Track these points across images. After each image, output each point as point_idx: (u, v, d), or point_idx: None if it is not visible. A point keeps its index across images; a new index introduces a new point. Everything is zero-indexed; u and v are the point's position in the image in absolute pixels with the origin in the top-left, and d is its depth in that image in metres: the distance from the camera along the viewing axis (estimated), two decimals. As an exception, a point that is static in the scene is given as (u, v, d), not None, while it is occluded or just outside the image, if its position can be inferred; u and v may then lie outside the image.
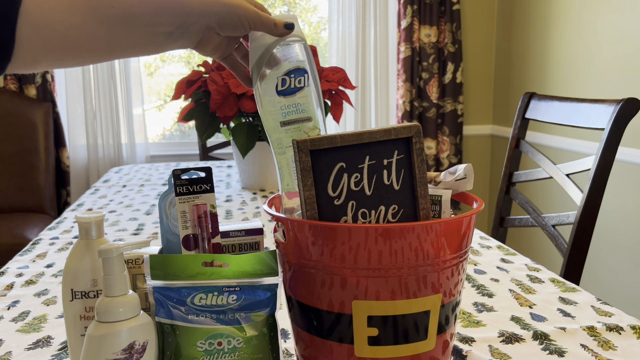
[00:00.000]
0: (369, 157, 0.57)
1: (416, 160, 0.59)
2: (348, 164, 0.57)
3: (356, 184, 0.57)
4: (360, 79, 3.17)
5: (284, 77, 0.60)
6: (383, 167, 0.58)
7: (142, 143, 3.09)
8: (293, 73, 0.61)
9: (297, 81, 0.61)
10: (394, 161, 0.58)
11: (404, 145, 0.59)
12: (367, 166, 0.57)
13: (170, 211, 0.70)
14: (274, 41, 0.62)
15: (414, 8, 3.08)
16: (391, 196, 0.58)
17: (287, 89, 0.60)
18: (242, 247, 0.72)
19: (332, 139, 0.56)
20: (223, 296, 0.58)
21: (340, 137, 0.57)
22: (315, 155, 0.56)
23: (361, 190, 0.57)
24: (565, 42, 2.62)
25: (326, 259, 0.56)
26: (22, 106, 2.78)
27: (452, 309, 0.60)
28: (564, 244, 1.38)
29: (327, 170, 0.57)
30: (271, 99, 0.62)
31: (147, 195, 1.77)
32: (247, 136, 1.68)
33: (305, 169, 0.56)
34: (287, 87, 0.60)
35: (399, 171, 0.58)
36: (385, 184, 0.58)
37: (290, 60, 0.62)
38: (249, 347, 0.58)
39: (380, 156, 0.58)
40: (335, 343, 0.58)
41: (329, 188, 0.57)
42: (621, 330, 0.80)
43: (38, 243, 1.28)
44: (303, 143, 0.56)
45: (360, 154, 0.57)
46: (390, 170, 0.58)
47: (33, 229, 2.50)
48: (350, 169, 0.57)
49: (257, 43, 0.62)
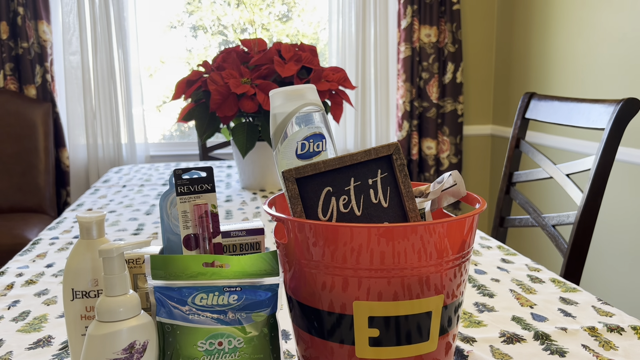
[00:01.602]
0: (353, 179, 0.60)
1: (400, 176, 0.60)
2: (334, 187, 0.59)
3: (345, 206, 0.59)
4: (360, 79, 3.17)
5: (304, 142, 0.64)
6: (369, 186, 0.60)
7: (142, 143, 3.09)
8: (312, 138, 0.65)
9: (316, 145, 0.65)
10: (379, 180, 0.60)
11: (385, 163, 0.61)
12: (354, 187, 0.60)
13: (171, 211, 0.70)
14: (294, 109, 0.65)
15: (414, 8, 3.08)
16: (381, 214, 0.60)
17: (305, 153, 0.64)
18: (243, 247, 0.72)
19: (315, 165, 0.59)
20: (224, 296, 0.58)
21: (323, 163, 0.59)
22: (302, 183, 0.59)
23: (351, 212, 0.59)
24: (566, 42, 2.62)
25: (327, 260, 0.56)
26: (22, 106, 2.78)
27: (455, 310, 0.60)
28: (564, 244, 1.38)
29: (315, 195, 0.59)
30: (290, 162, 0.65)
31: (147, 195, 1.77)
32: (247, 136, 1.68)
33: (293, 196, 0.59)
34: (306, 151, 0.64)
35: (385, 189, 0.60)
36: (373, 202, 0.60)
37: (310, 126, 0.66)
38: (250, 347, 0.58)
39: (365, 176, 0.60)
40: (336, 344, 0.58)
41: (319, 213, 0.59)
42: (622, 331, 0.80)
43: (38, 243, 1.28)
44: (288, 172, 0.59)
45: (345, 176, 0.60)
46: (377, 188, 0.60)
47: (33, 229, 2.50)
48: (337, 192, 0.59)
49: (278, 110, 0.66)
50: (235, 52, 1.76)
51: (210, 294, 0.57)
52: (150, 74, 3.30)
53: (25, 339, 0.80)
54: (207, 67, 1.76)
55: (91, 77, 2.95)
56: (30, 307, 0.92)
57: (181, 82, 1.75)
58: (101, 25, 2.92)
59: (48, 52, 2.83)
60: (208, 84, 1.64)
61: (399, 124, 3.18)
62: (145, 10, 3.18)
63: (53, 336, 0.81)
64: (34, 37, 2.82)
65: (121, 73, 2.98)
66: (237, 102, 1.62)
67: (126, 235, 1.32)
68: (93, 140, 3.00)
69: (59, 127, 2.92)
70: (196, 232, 0.65)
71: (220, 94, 1.61)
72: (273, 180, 1.79)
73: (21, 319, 0.87)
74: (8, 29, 2.78)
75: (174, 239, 0.70)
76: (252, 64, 1.70)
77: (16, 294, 0.98)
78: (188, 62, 3.30)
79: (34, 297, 0.96)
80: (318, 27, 3.41)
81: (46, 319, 0.87)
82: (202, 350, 0.57)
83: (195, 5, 3.26)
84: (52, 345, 0.78)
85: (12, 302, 0.94)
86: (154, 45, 3.25)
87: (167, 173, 2.16)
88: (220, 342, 0.57)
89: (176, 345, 0.57)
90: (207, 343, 0.57)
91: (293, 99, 0.65)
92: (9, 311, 0.90)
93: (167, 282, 0.58)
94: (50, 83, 2.86)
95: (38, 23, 2.81)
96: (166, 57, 3.29)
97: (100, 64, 2.95)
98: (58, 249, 1.24)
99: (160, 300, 0.57)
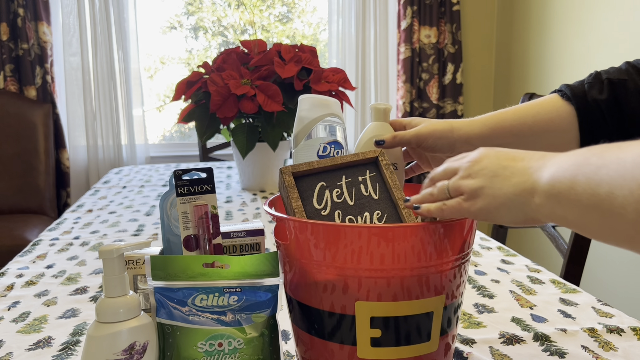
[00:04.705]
0: (344, 176, 0.65)
1: (386, 173, 0.66)
2: (327, 182, 0.65)
3: (338, 197, 0.64)
4: (360, 80, 3.17)
5: (326, 145, 0.71)
6: (359, 182, 0.65)
7: (142, 144, 3.09)
8: (333, 144, 0.71)
9: (336, 152, 0.71)
10: (367, 178, 0.66)
11: (373, 165, 0.67)
12: (345, 183, 0.65)
13: (172, 212, 0.70)
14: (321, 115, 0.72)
15: (413, 9, 3.08)
16: (372, 204, 0.64)
17: (326, 155, 0.71)
18: (243, 248, 0.72)
19: (309, 164, 0.65)
20: (224, 297, 0.58)
21: (317, 162, 0.65)
22: (298, 178, 0.64)
23: (344, 202, 0.63)
24: (565, 43, 2.62)
25: (328, 260, 0.56)
26: (22, 107, 2.78)
27: (454, 311, 0.60)
28: (564, 244, 1.38)
29: (310, 188, 0.64)
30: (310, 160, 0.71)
31: (147, 196, 1.77)
32: (247, 137, 1.68)
33: (290, 186, 0.63)
34: (327, 153, 0.71)
35: (374, 184, 0.65)
36: (364, 194, 0.64)
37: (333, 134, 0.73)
38: (250, 347, 0.58)
39: (355, 175, 0.66)
40: (336, 345, 0.58)
41: (314, 202, 0.63)
42: (622, 332, 0.80)
43: (38, 244, 1.28)
44: (285, 168, 0.64)
45: (336, 175, 0.65)
46: (366, 184, 0.65)
47: (33, 230, 2.50)
48: (330, 186, 0.64)
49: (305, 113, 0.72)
50: (236, 53, 1.76)
51: (210, 294, 0.57)
52: (150, 75, 3.30)
53: (25, 340, 0.80)
54: (207, 68, 1.76)
55: (91, 78, 2.95)
56: (30, 308, 0.92)
57: (181, 83, 1.75)
58: (101, 26, 2.92)
59: (48, 53, 2.83)
60: (208, 85, 1.64)
61: (399, 125, 3.18)
62: (145, 11, 3.18)
63: (53, 337, 0.81)
64: (34, 38, 2.82)
65: (121, 74, 2.98)
66: (237, 103, 1.62)
67: (126, 236, 1.32)
68: (93, 141, 3.00)
69: (59, 128, 2.92)
70: (196, 233, 0.65)
71: (220, 95, 1.61)
72: (273, 181, 1.79)
73: (21, 320, 0.87)
74: (8, 30, 2.78)
75: (174, 240, 0.70)
76: (252, 65, 1.70)
77: (16, 295, 0.98)
78: (188, 63, 3.30)
79: (34, 298, 0.96)
80: (318, 28, 3.41)
81: (46, 320, 0.87)
82: (202, 351, 0.57)
83: (196, 6, 3.26)
84: (52, 346, 0.78)
85: (12, 303, 0.94)
86: (154, 46, 3.26)
87: (167, 174, 2.16)
88: (220, 343, 0.57)
89: (176, 346, 0.57)
90: (207, 344, 0.57)
91: (321, 106, 0.71)
92: (9, 312, 0.90)
93: (167, 282, 0.58)
94: (50, 84, 2.86)
95: (38, 24, 2.81)
96: (166, 58, 3.29)
97: (101, 65, 2.95)
98: (58, 250, 1.24)
99: (160, 301, 0.57)
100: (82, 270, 1.10)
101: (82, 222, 1.47)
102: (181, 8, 3.24)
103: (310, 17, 3.39)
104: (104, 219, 1.50)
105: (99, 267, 1.11)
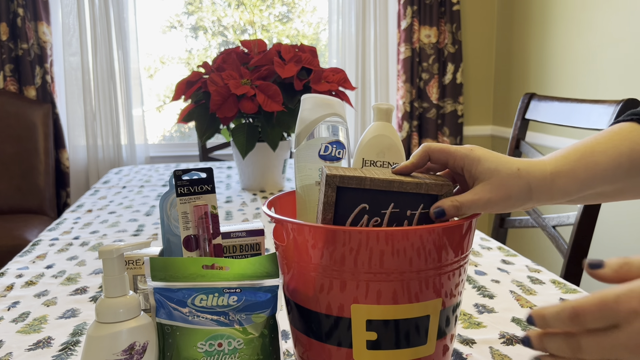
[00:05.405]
0: (393, 205, 0.58)
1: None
2: (371, 207, 0.57)
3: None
4: (360, 80, 3.17)
5: (327, 145, 0.69)
6: (405, 217, 0.58)
7: (142, 144, 3.09)
8: (335, 144, 0.70)
9: (337, 152, 0.70)
10: (417, 214, 0.58)
11: (431, 201, 0.58)
12: (390, 213, 0.58)
13: (171, 212, 0.70)
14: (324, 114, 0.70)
15: (413, 9, 3.08)
16: None
17: (327, 155, 0.69)
18: (243, 248, 0.72)
19: (361, 180, 0.57)
20: (224, 297, 0.58)
21: (370, 181, 0.57)
22: (342, 192, 0.57)
23: None
24: (565, 43, 2.62)
25: (326, 262, 0.56)
26: (22, 107, 2.78)
27: (453, 311, 0.60)
28: (564, 244, 1.38)
29: (349, 207, 0.57)
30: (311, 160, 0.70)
31: (147, 197, 1.77)
32: (247, 137, 1.68)
33: (328, 203, 0.57)
34: (329, 153, 0.69)
35: (420, 224, 0.58)
36: None
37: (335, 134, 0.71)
38: (250, 348, 0.58)
39: (405, 206, 0.58)
40: (333, 347, 0.58)
41: (347, 223, 0.58)
42: (622, 331, 0.80)
43: (38, 244, 1.28)
44: (332, 178, 0.56)
45: (386, 200, 0.58)
46: (412, 222, 0.58)
47: (33, 230, 2.50)
48: (372, 212, 0.58)
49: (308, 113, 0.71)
50: (235, 53, 1.76)
51: (210, 295, 0.57)
52: (150, 74, 3.30)
53: (25, 340, 0.80)
54: (207, 68, 1.76)
55: (91, 78, 2.95)
56: (30, 308, 0.92)
57: (181, 83, 1.75)
58: (101, 26, 2.92)
59: (48, 53, 2.83)
60: (208, 85, 1.64)
61: (399, 125, 3.18)
62: (145, 11, 3.18)
63: (53, 337, 0.81)
64: (34, 38, 2.82)
65: (121, 74, 2.98)
66: (237, 103, 1.62)
67: (126, 237, 1.32)
68: (93, 141, 3.00)
69: (59, 128, 2.92)
70: (196, 233, 0.65)
71: (220, 94, 1.61)
72: (273, 181, 1.79)
73: (21, 320, 0.87)
74: (8, 30, 2.78)
75: (174, 240, 0.70)
76: (252, 65, 1.70)
77: (16, 295, 0.98)
78: (188, 63, 3.30)
79: (34, 298, 0.96)
80: (318, 28, 3.41)
81: (46, 320, 0.87)
82: (202, 352, 0.57)
83: (196, 5, 3.26)
84: (52, 347, 0.78)
85: (11, 303, 0.94)
86: (154, 46, 3.26)
87: (167, 174, 2.16)
88: (220, 344, 0.57)
89: (176, 346, 0.57)
90: (207, 344, 0.57)
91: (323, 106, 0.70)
92: (9, 312, 0.90)
93: (167, 283, 0.58)
94: (50, 84, 2.86)
95: (38, 24, 2.81)
96: (166, 57, 3.29)
97: (100, 65, 2.95)
98: (58, 250, 1.24)
99: (159, 302, 0.57)
100: (82, 271, 1.10)
101: (82, 222, 1.47)
102: (181, 8, 3.24)
103: (310, 17, 3.39)
104: (103, 219, 1.50)
105: (98, 267, 1.11)
